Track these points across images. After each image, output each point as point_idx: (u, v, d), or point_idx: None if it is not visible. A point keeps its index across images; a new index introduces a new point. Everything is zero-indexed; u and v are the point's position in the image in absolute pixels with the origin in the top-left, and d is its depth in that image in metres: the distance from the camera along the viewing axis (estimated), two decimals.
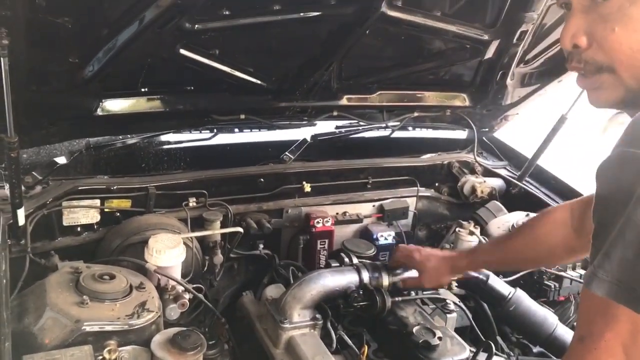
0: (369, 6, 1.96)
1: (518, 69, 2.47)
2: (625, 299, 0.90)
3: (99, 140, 2.22)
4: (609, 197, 0.94)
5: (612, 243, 0.90)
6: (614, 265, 0.90)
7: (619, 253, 0.90)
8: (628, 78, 1.04)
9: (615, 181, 0.92)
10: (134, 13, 1.71)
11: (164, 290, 1.76)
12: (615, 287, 0.91)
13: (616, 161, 0.93)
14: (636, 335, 0.95)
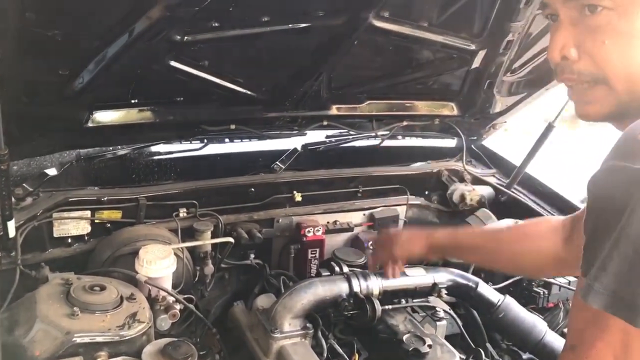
0: (357, 17, 1.98)
1: (505, 78, 2.49)
2: (621, 312, 0.91)
3: (89, 152, 2.22)
4: (601, 210, 0.95)
5: (608, 256, 0.91)
6: (610, 277, 0.91)
7: (614, 266, 0.90)
8: (621, 90, 1.04)
9: (608, 194, 0.93)
10: (124, 25, 1.72)
11: (155, 301, 1.76)
12: (611, 299, 0.92)
13: (608, 174, 0.94)
14: (628, 346, 0.96)
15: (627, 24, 1.00)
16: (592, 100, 1.09)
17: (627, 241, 0.89)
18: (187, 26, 1.80)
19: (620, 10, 0.99)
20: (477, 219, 2.53)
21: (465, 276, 2.06)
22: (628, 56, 1.01)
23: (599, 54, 1.03)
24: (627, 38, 1.00)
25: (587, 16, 1.03)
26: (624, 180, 0.90)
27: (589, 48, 1.04)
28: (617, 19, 1.00)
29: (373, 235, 2.17)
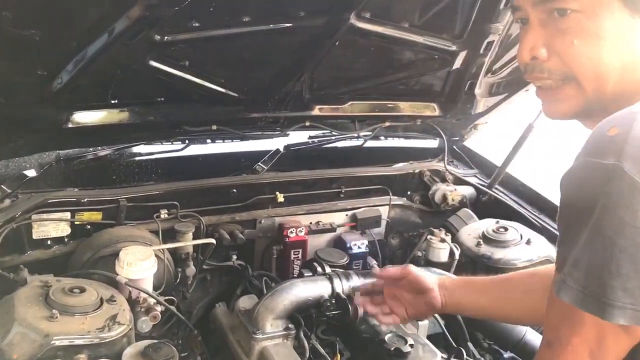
0: (338, 18, 1.99)
1: (486, 79, 2.51)
2: (591, 306, 0.93)
3: (69, 153, 2.20)
4: (573, 206, 0.96)
5: (580, 251, 0.93)
6: (582, 273, 0.93)
7: (586, 261, 0.92)
8: (590, 89, 1.08)
9: (580, 190, 0.95)
10: (104, 25, 1.71)
11: (136, 303, 1.75)
12: (581, 294, 0.93)
13: (579, 171, 0.95)
14: (602, 341, 0.97)
15: (595, 25, 1.03)
16: (561, 98, 1.12)
17: (598, 236, 0.90)
18: (167, 26, 1.80)
19: (588, 12, 1.03)
20: (458, 218, 2.55)
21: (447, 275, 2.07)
22: (596, 56, 1.05)
23: (568, 54, 1.07)
24: (595, 38, 1.04)
25: (556, 19, 1.07)
26: (595, 176, 0.91)
27: (558, 48, 1.08)
28: (585, 20, 1.04)
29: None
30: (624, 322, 0.91)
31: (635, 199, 0.87)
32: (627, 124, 0.92)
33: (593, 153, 0.94)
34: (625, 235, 0.89)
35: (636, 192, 0.87)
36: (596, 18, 1.03)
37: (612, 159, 0.90)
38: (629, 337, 0.97)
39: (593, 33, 1.04)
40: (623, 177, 0.88)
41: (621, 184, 0.88)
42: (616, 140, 0.91)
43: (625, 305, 0.90)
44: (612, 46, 1.04)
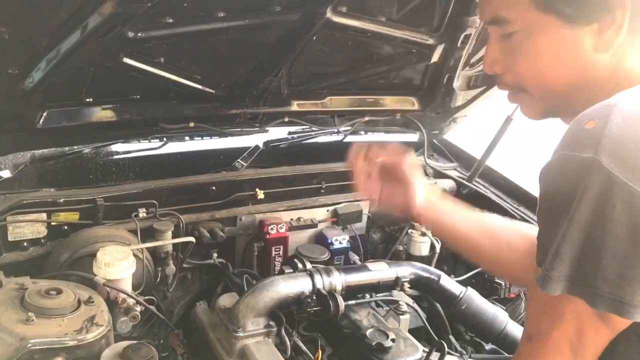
0: (314, 12, 1.97)
1: (464, 72, 2.52)
2: (578, 292, 0.94)
3: (44, 153, 2.17)
4: (552, 199, 0.98)
5: (561, 243, 0.94)
6: (566, 263, 0.94)
7: (567, 252, 0.93)
8: (539, 97, 1.17)
9: (558, 183, 0.96)
10: (76, 21, 1.67)
11: (115, 304, 1.73)
12: (568, 283, 0.95)
13: (557, 164, 0.97)
14: (581, 333, 0.98)
15: (534, 43, 1.10)
16: (522, 104, 1.22)
17: (578, 227, 0.91)
18: (140, 22, 1.76)
19: (527, 31, 1.10)
20: None
21: (427, 269, 2.08)
22: (540, 71, 1.13)
23: (516, 70, 1.15)
24: (536, 55, 1.12)
25: (505, 38, 1.14)
26: (573, 169, 0.92)
27: (509, 65, 1.16)
28: (526, 39, 1.11)
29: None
30: (604, 310, 0.93)
31: (613, 191, 0.88)
32: (604, 117, 0.93)
33: (571, 146, 0.95)
34: (604, 228, 0.90)
35: (613, 185, 0.88)
36: (535, 36, 1.10)
37: (590, 152, 0.90)
38: (608, 329, 0.98)
39: (533, 50, 1.11)
40: (600, 170, 0.89)
41: (598, 177, 0.89)
42: (593, 133, 0.92)
43: (605, 294, 0.92)
44: (555, 60, 1.10)
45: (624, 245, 0.89)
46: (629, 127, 0.91)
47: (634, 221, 0.88)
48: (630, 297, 0.90)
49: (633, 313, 0.91)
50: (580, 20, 1.05)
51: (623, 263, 0.89)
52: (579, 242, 0.92)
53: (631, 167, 0.88)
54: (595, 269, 0.91)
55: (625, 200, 0.87)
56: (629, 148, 0.89)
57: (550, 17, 1.06)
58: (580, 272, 0.93)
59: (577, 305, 0.95)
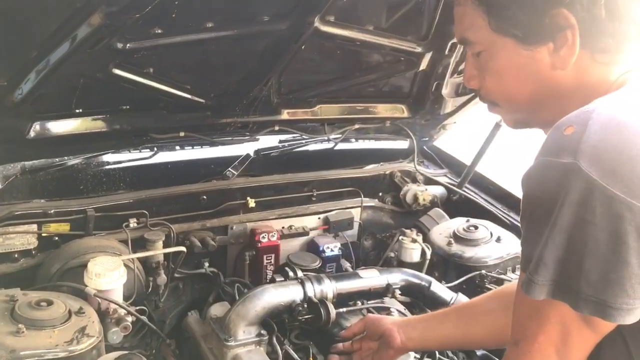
0: (302, 22, 1.99)
1: (452, 80, 2.54)
2: (562, 296, 0.95)
3: (34, 164, 2.17)
4: (534, 205, 0.99)
5: (544, 248, 0.95)
6: (549, 268, 0.95)
7: (551, 257, 0.94)
8: (509, 111, 1.23)
9: (540, 189, 0.97)
10: (64, 33, 1.68)
11: (106, 314, 1.73)
12: (552, 288, 0.96)
13: (538, 170, 0.98)
14: (566, 337, 0.99)
15: (496, 63, 1.15)
16: (499, 115, 1.29)
17: (560, 231, 0.92)
18: (129, 33, 1.78)
19: (489, 52, 1.15)
20: (430, 218, 2.57)
21: (418, 276, 2.09)
22: (503, 87, 1.17)
23: (486, 87, 1.20)
24: (498, 74, 1.16)
25: (475, 58, 1.19)
26: (554, 175, 0.93)
27: (481, 82, 1.20)
28: (489, 59, 1.15)
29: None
30: (588, 313, 0.94)
31: (593, 196, 0.89)
32: (582, 123, 0.94)
33: (551, 152, 0.96)
34: (585, 232, 0.91)
35: (593, 189, 0.89)
36: (496, 56, 1.14)
37: (569, 158, 0.92)
38: (592, 332, 0.99)
39: (495, 69, 1.16)
40: (580, 175, 0.90)
41: (578, 182, 0.90)
42: (572, 139, 0.94)
43: (589, 297, 0.93)
44: (516, 78, 1.15)
45: (605, 248, 0.90)
46: (606, 132, 0.92)
47: (614, 225, 0.89)
48: (613, 300, 0.91)
49: (616, 316, 0.92)
50: (534, 41, 1.09)
51: (605, 266, 0.90)
52: (561, 246, 0.93)
53: (610, 171, 0.89)
54: (578, 273, 0.92)
55: (605, 204, 0.89)
56: (607, 153, 0.91)
57: (507, 40, 1.11)
58: (563, 277, 0.94)
59: (562, 310, 0.96)
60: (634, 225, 0.88)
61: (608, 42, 1.06)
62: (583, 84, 1.09)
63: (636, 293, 0.91)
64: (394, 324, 1.70)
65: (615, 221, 0.89)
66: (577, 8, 1.02)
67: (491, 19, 1.10)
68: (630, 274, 0.90)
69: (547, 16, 1.05)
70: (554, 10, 1.04)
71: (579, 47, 1.06)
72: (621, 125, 0.94)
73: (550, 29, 1.06)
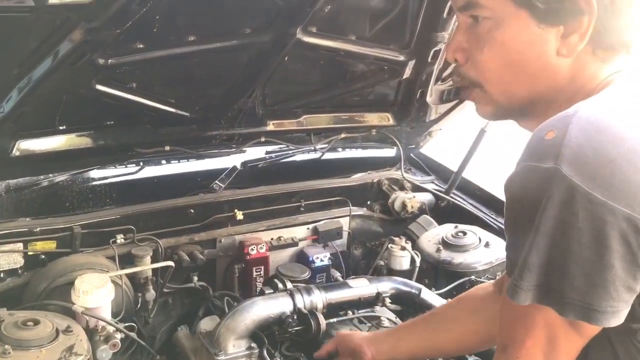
0: (284, 34, 1.99)
1: (436, 87, 2.55)
2: (547, 301, 0.95)
3: (19, 182, 2.15)
4: (517, 210, 0.99)
5: (528, 253, 0.95)
6: (534, 273, 0.95)
7: (535, 262, 0.94)
8: (496, 94, 1.14)
9: (522, 194, 0.97)
10: (46, 50, 1.68)
11: (94, 332, 1.71)
12: (538, 293, 0.95)
13: (521, 175, 0.98)
14: (553, 341, 0.99)
15: (502, 33, 1.07)
16: (475, 100, 1.18)
17: (543, 236, 0.92)
18: (110, 49, 1.77)
19: (497, 20, 1.07)
20: (418, 225, 2.57)
21: (408, 283, 2.08)
22: (502, 63, 1.09)
23: (478, 60, 1.11)
24: (501, 46, 1.08)
25: (475, 25, 1.11)
26: (536, 179, 0.94)
27: (472, 54, 1.12)
28: (494, 28, 1.08)
29: None
30: (574, 318, 0.94)
31: (575, 200, 0.90)
32: (563, 127, 0.95)
33: (532, 157, 0.96)
34: (568, 236, 0.91)
35: (575, 193, 0.90)
36: (504, 26, 1.07)
37: (551, 162, 0.92)
38: (579, 335, 0.99)
39: (499, 41, 1.08)
40: (562, 179, 0.90)
41: (560, 186, 0.90)
42: (553, 143, 0.94)
43: (574, 302, 0.93)
44: (518, 55, 1.07)
45: (588, 252, 0.90)
46: (587, 136, 0.93)
47: (596, 228, 0.89)
48: (597, 303, 0.91)
49: (601, 319, 0.92)
50: (549, 19, 1.04)
51: (589, 270, 0.91)
52: (545, 251, 0.93)
53: (591, 175, 0.90)
54: (562, 277, 0.92)
55: (587, 208, 0.89)
56: (588, 157, 0.91)
57: (522, 11, 1.05)
58: (548, 281, 0.94)
59: (548, 314, 0.96)
60: (616, 229, 0.89)
61: (614, 40, 1.04)
62: (577, 79, 1.07)
63: (620, 295, 0.91)
64: (364, 339, 1.71)
65: (597, 225, 0.89)
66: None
67: None
68: (614, 277, 0.90)
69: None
70: None
71: (589, 36, 1.03)
72: (601, 129, 0.94)
73: (569, 10, 1.02)
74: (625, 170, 0.90)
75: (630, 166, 0.90)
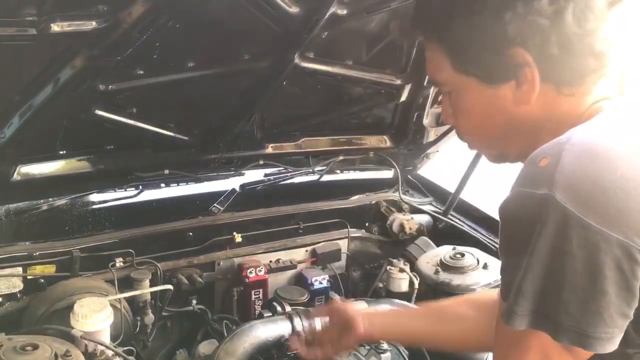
0: (282, 59, 2.02)
1: (432, 110, 2.57)
2: (542, 327, 0.96)
3: (19, 206, 2.16)
4: (512, 235, 1.00)
5: (522, 278, 0.95)
6: (528, 299, 0.95)
7: (529, 287, 0.95)
8: (486, 147, 1.26)
9: (516, 220, 0.98)
10: (47, 76, 1.70)
11: (93, 356, 1.71)
12: (531, 318, 0.96)
13: (515, 201, 0.99)
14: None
15: (463, 102, 1.18)
16: (478, 151, 1.32)
17: (538, 262, 0.93)
18: (111, 75, 1.80)
19: (456, 92, 1.17)
20: (417, 247, 2.57)
21: (407, 306, 2.08)
22: (473, 126, 1.20)
23: (457, 126, 1.23)
24: (467, 113, 1.18)
25: (448, 96, 1.20)
26: (530, 205, 0.95)
27: (455, 120, 1.22)
28: (457, 99, 1.18)
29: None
30: (568, 344, 0.94)
31: (569, 226, 0.91)
32: (556, 154, 0.96)
33: (526, 184, 0.98)
34: (562, 262, 0.92)
35: (569, 220, 0.91)
36: (464, 96, 1.16)
37: (545, 189, 0.93)
38: (573, 359, 1.00)
39: (464, 109, 1.18)
40: (556, 206, 0.91)
41: (554, 213, 0.91)
42: (547, 170, 0.95)
43: (568, 328, 0.93)
44: (483, 116, 1.17)
45: (582, 279, 0.91)
46: (580, 162, 0.94)
47: (590, 255, 0.90)
48: (592, 329, 0.92)
49: (596, 345, 0.93)
50: (495, 80, 1.11)
51: (582, 297, 0.91)
52: (539, 277, 0.94)
53: (584, 201, 0.91)
54: (557, 303, 0.93)
55: (581, 235, 0.90)
56: (581, 183, 0.92)
57: (470, 79, 1.12)
58: (542, 307, 0.94)
59: (542, 339, 0.97)
60: (610, 256, 0.89)
61: (568, 76, 1.07)
62: (551, 116, 1.11)
63: (614, 322, 0.92)
64: (359, 312, 1.71)
65: (591, 251, 0.90)
66: (530, 46, 1.04)
67: (453, 60, 1.12)
68: (608, 303, 0.91)
69: (504, 55, 1.06)
70: (511, 49, 1.05)
71: (540, 82, 1.07)
72: (594, 155, 0.95)
73: (510, 68, 1.08)
74: (619, 197, 0.91)
75: (623, 193, 0.91)
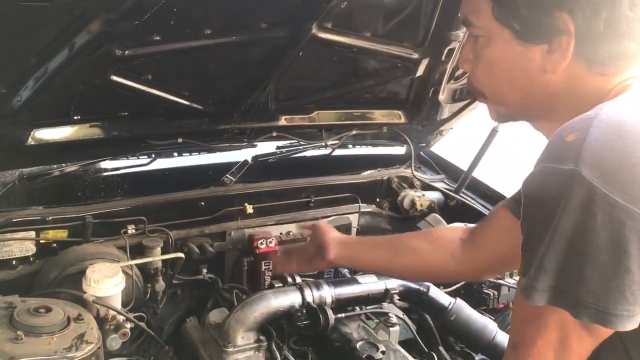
0: (299, 29, 1.99)
1: (449, 85, 2.55)
2: (562, 303, 0.95)
3: (32, 171, 2.16)
4: (535, 210, 0.99)
5: (544, 254, 0.95)
6: (550, 275, 0.95)
7: (552, 263, 0.94)
8: (495, 104, 1.24)
9: (541, 195, 0.97)
10: (63, 40, 1.68)
11: (104, 321, 1.72)
12: (552, 295, 0.96)
13: (540, 176, 0.98)
14: (565, 342, 1.00)
15: (490, 51, 1.16)
16: (484, 103, 1.28)
17: (560, 238, 0.93)
18: (128, 40, 1.78)
19: (487, 39, 1.16)
20: (427, 224, 2.57)
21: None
22: (492, 79, 1.19)
23: (475, 74, 1.22)
24: (491, 63, 1.17)
25: (474, 40, 1.20)
26: (555, 181, 0.94)
27: (472, 67, 1.22)
28: (485, 46, 1.16)
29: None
30: (588, 321, 0.94)
31: (594, 203, 0.90)
32: (584, 129, 0.95)
33: (552, 159, 0.97)
34: (586, 239, 0.91)
35: (594, 196, 0.90)
36: (492, 45, 1.15)
37: (571, 164, 0.92)
38: (592, 337, 0.99)
39: (489, 58, 1.17)
40: (581, 182, 0.90)
41: (580, 189, 0.91)
42: (573, 146, 0.94)
43: (588, 305, 0.92)
44: (506, 71, 1.16)
45: (605, 256, 0.90)
46: (607, 139, 0.93)
47: (614, 232, 0.89)
48: (613, 307, 0.91)
49: (616, 323, 0.92)
50: (530, 38, 1.09)
51: (605, 274, 0.91)
52: (562, 253, 0.93)
53: (611, 178, 0.90)
54: (578, 280, 0.92)
55: (606, 211, 0.89)
56: (608, 160, 0.91)
57: (505, 31, 1.11)
58: (563, 284, 0.94)
59: (561, 316, 0.97)
60: (635, 233, 0.89)
61: (604, 57, 1.06)
62: (574, 91, 1.10)
63: (637, 300, 0.91)
64: (334, 240, 1.89)
65: (616, 228, 0.89)
66: (578, 16, 1.02)
67: (495, 6, 1.11)
68: (631, 281, 0.90)
69: (548, 17, 1.05)
70: (556, 12, 1.04)
71: (573, 55, 1.06)
72: (622, 132, 0.94)
73: (548, 31, 1.06)
74: None
75: None
